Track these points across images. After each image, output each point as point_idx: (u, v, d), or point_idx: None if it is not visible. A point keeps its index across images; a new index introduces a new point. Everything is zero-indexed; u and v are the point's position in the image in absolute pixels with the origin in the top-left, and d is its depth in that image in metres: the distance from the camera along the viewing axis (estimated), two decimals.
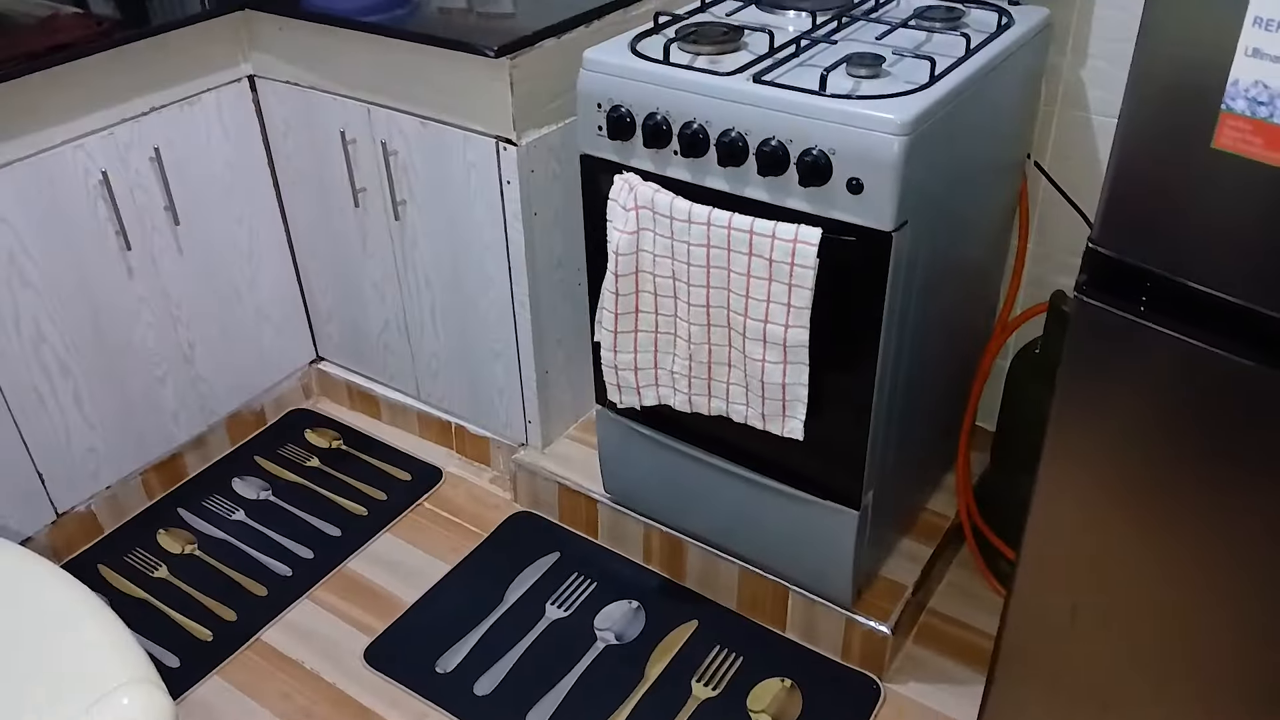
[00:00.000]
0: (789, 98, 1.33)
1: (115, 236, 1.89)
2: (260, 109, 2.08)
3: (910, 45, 1.49)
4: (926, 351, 1.59)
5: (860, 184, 1.30)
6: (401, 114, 1.86)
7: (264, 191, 2.15)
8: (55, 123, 1.76)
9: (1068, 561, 1.20)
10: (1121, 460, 1.09)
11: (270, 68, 2.01)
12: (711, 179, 1.43)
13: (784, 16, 1.62)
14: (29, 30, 1.77)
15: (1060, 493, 1.18)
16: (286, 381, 2.37)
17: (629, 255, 1.50)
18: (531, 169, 1.78)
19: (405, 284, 2.09)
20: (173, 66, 1.90)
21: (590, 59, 1.50)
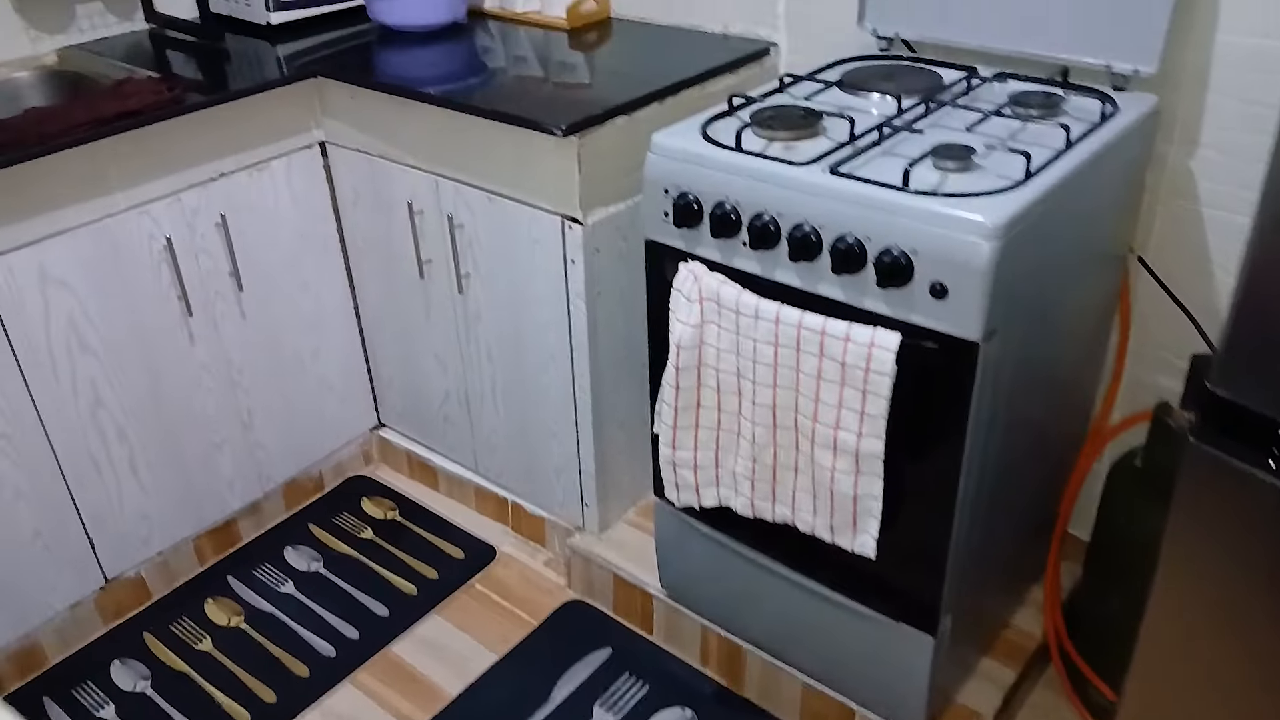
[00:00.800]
0: (867, 192, 1.23)
1: (178, 301, 1.87)
2: (331, 176, 2.06)
3: (1004, 135, 1.38)
4: (1014, 460, 1.46)
5: (944, 289, 1.19)
6: (468, 187, 1.81)
7: (332, 258, 2.12)
8: (122, 188, 1.75)
9: (1175, 700, 1.06)
10: (1239, 605, 0.95)
11: (341, 135, 1.99)
12: (782, 273, 1.34)
13: (867, 99, 1.53)
14: (102, 94, 1.77)
15: (1170, 634, 1.04)
16: (347, 448, 2.33)
17: (691, 349, 1.41)
18: (597, 248, 1.71)
19: (467, 357, 2.03)
20: (244, 132, 1.89)
21: (658, 143, 1.43)
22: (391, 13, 2.07)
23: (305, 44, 2.10)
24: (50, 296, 1.70)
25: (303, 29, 2.16)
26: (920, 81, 1.57)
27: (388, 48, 2.03)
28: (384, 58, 1.98)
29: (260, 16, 2.13)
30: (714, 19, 2.01)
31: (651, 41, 2.00)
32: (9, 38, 2.04)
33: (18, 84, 2.02)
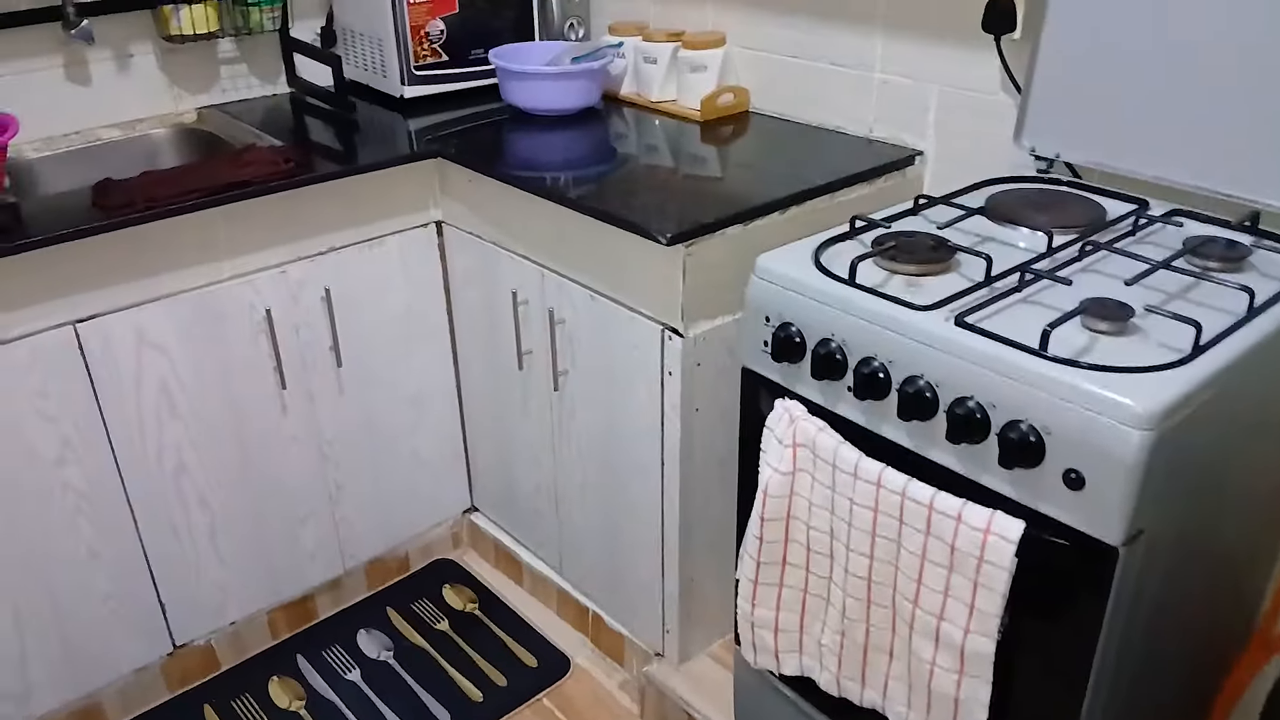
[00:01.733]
0: (996, 352, 1.05)
1: (273, 373, 1.83)
2: (444, 255, 2.00)
3: (1173, 291, 1.18)
4: (1154, 670, 1.23)
5: (1081, 479, 0.99)
6: (572, 283, 1.71)
7: (439, 336, 2.06)
8: (228, 256, 1.73)
9: None
10: None
11: (457, 216, 1.93)
12: (890, 429, 1.16)
13: (1015, 232, 1.35)
14: (223, 159, 1.76)
15: None
16: (437, 529, 2.24)
17: (780, 498, 1.25)
18: (697, 362, 1.57)
19: (559, 453, 1.91)
20: (360, 207, 1.85)
21: (764, 266, 1.28)
22: (524, 97, 2.01)
23: (436, 119, 2.06)
24: (144, 360, 1.68)
25: (436, 104, 2.12)
26: (1079, 214, 1.38)
27: (518, 129, 1.97)
28: (512, 140, 1.91)
29: (395, 89, 2.11)
30: (857, 120, 1.86)
31: (788, 139, 1.86)
32: (154, 94, 2.08)
33: (154, 141, 2.06)
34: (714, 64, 1.99)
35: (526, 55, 2.08)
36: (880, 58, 1.79)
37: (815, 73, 1.90)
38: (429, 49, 2.09)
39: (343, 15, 2.20)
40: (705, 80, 2.00)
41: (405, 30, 2.04)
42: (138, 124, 2.06)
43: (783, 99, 1.98)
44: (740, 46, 2.02)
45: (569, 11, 2.23)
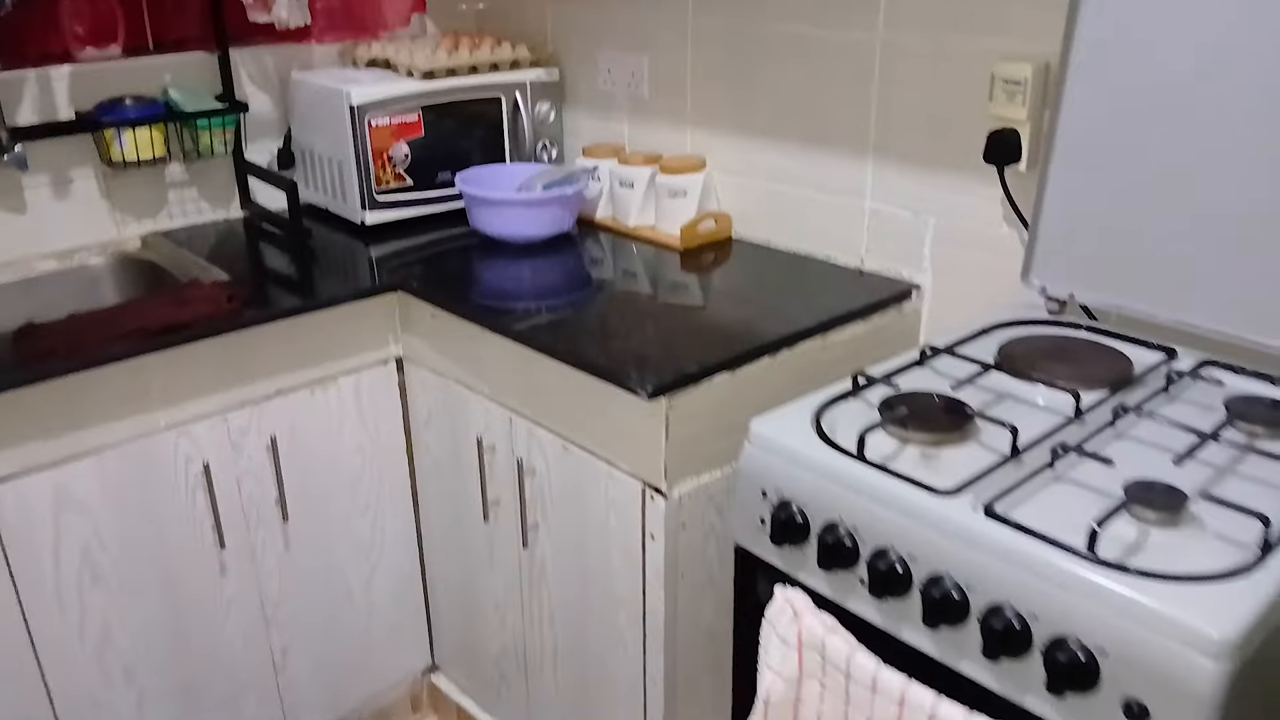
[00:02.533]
0: (1035, 551, 0.90)
1: (211, 531, 1.65)
2: (405, 393, 1.84)
3: (1220, 463, 1.03)
4: None
5: (1145, 711, 0.83)
6: (544, 430, 1.55)
7: (398, 480, 1.89)
8: (163, 405, 1.56)
9: None
10: None
11: (419, 353, 1.78)
12: (912, 633, 1.00)
13: (1035, 389, 1.21)
14: (160, 296, 1.61)
15: None
16: (394, 690, 2.04)
17: (784, 706, 1.08)
18: (683, 523, 1.41)
19: (528, 614, 1.73)
20: (312, 346, 1.70)
21: (758, 433, 1.13)
22: (494, 225, 1.88)
23: (399, 245, 1.93)
24: (64, 524, 1.51)
25: (399, 230, 2.00)
26: (1103, 367, 1.25)
27: (486, 257, 1.84)
28: (479, 270, 1.78)
29: (355, 215, 1.98)
30: (848, 250, 1.74)
31: (774, 269, 1.74)
32: (95, 221, 1.94)
33: (93, 271, 1.91)
34: (694, 189, 1.88)
35: (495, 180, 1.97)
36: (871, 185, 1.68)
37: (802, 199, 1.79)
38: (392, 173, 1.97)
39: (301, 136, 2.08)
40: (685, 206, 1.89)
41: (367, 154, 1.92)
42: (76, 253, 1.91)
43: (768, 226, 1.86)
44: (722, 171, 1.92)
45: (541, 132, 2.13)
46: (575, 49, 2.12)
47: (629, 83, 2.03)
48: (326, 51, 2.13)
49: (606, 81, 2.07)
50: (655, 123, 2.01)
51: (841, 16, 1.64)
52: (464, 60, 2.00)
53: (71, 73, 1.85)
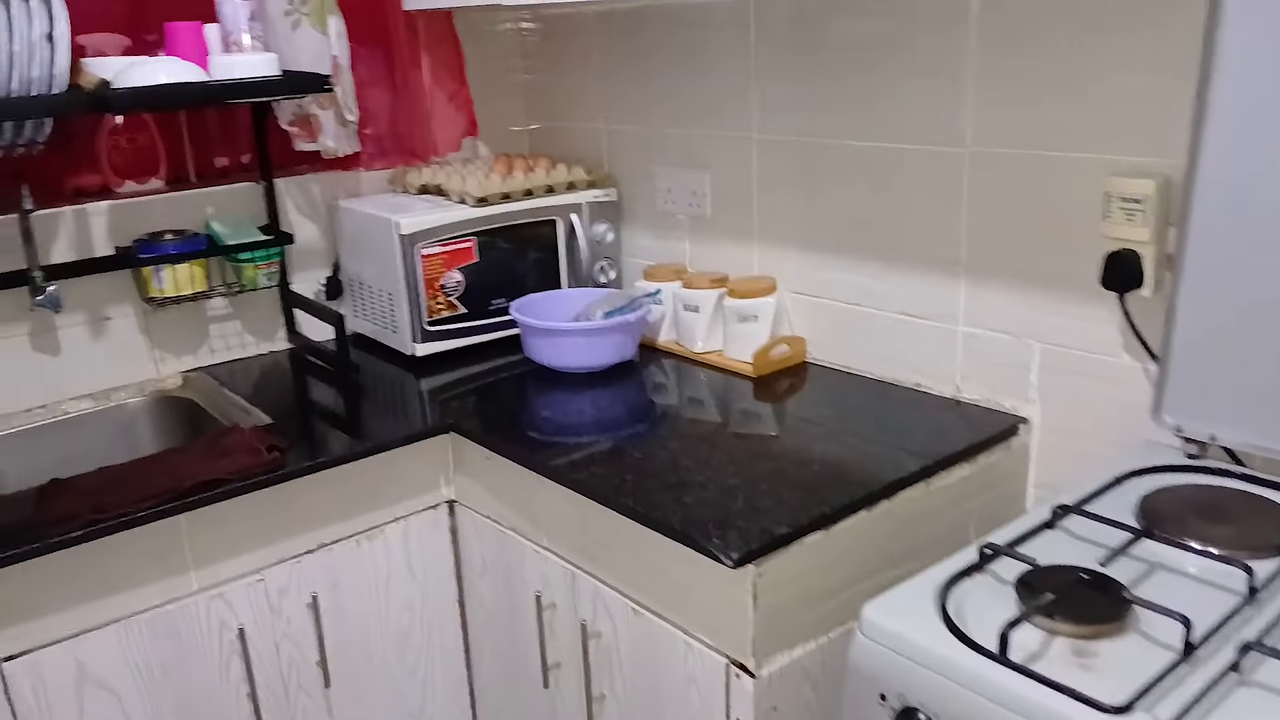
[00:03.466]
0: None
1: (246, 701, 1.50)
2: (457, 538, 1.70)
3: None
4: None
5: None
6: (611, 590, 1.39)
7: (450, 638, 1.73)
8: (194, 566, 1.43)
9: None
10: None
11: (473, 495, 1.64)
12: None
13: (1190, 558, 1.03)
14: (195, 447, 1.49)
15: None
16: None
17: None
18: (774, 706, 1.23)
19: None
20: (357, 494, 1.57)
21: (873, 622, 0.97)
22: (551, 355, 1.75)
23: (451, 377, 1.81)
24: (87, 701, 1.37)
25: (451, 360, 1.88)
26: (1266, 525, 1.07)
27: (544, 389, 1.71)
28: (536, 404, 1.65)
29: (406, 347, 1.87)
30: (940, 377, 1.59)
31: (859, 399, 1.59)
32: (133, 359, 1.84)
33: (129, 411, 1.81)
34: (765, 313, 1.74)
35: (552, 308, 1.85)
36: (965, 307, 1.53)
37: (885, 322, 1.64)
38: (444, 302, 1.86)
39: (350, 265, 1.99)
40: (756, 331, 1.75)
41: (418, 284, 1.82)
42: (113, 393, 1.82)
43: (847, 350, 1.72)
44: (793, 292, 1.78)
45: (599, 254, 2.02)
46: (632, 168, 2.02)
47: (690, 201, 1.92)
48: (375, 178, 2.06)
49: (666, 200, 1.97)
50: (719, 241, 1.89)
51: (924, 131, 1.51)
52: (518, 184, 1.91)
53: (110, 208, 1.78)
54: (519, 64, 2.21)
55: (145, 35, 1.75)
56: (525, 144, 2.25)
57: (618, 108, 2.01)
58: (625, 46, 1.96)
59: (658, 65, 1.90)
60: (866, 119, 1.58)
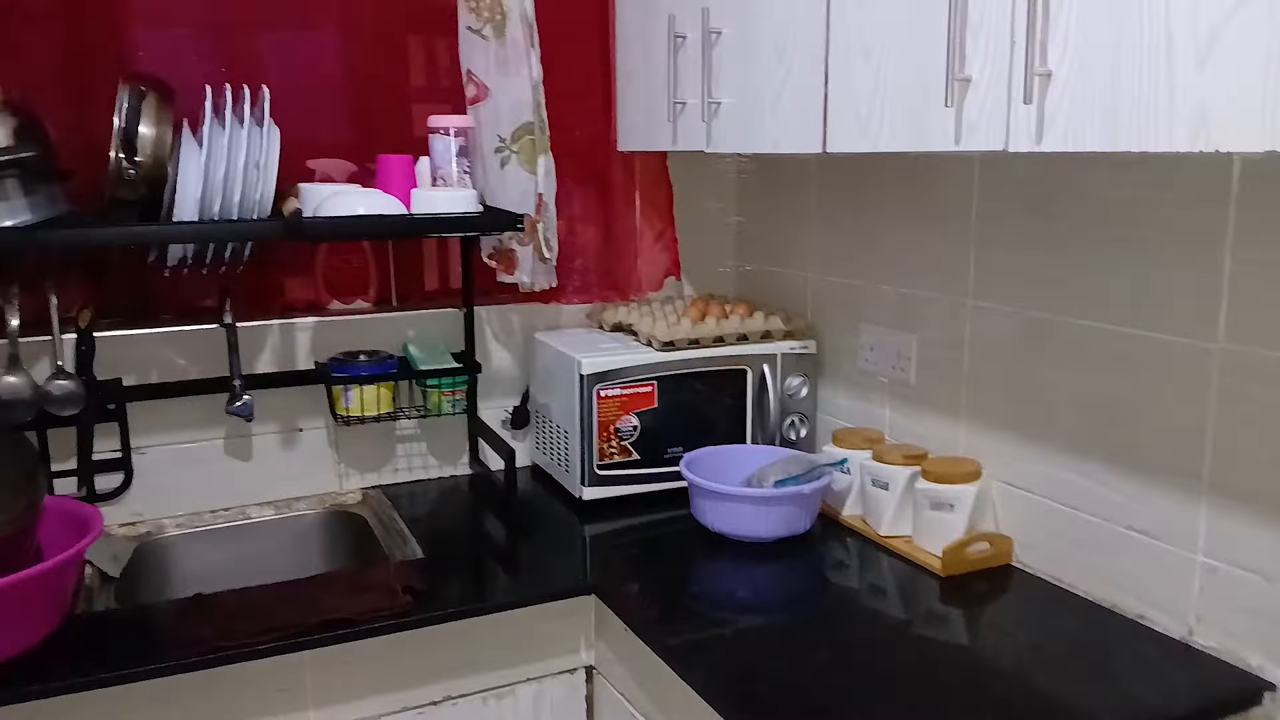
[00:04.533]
0: None
1: None
2: (593, 711, 1.57)
3: None
4: None
5: None
6: None
7: None
8: (313, 705, 1.39)
9: None
10: None
11: (613, 667, 1.52)
12: None
13: None
14: (337, 580, 1.47)
15: None
16: None
17: None
18: None
19: None
20: (489, 647, 1.49)
21: None
22: (718, 519, 1.62)
23: (615, 526, 1.72)
24: None
25: (619, 507, 1.78)
26: None
27: (706, 556, 1.59)
28: (695, 570, 1.53)
29: (574, 488, 1.80)
30: (1169, 611, 1.31)
31: (1067, 622, 1.34)
32: (318, 471, 1.88)
33: (305, 523, 1.84)
34: (963, 503, 1.53)
35: (725, 465, 1.72)
36: (1205, 532, 1.26)
37: (1108, 535, 1.39)
38: (617, 446, 1.77)
39: (538, 397, 1.96)
40: (951, 521, 1.54)
41: (592, 426, 1.75)
42: (295, 502, 1.86)
43: (1059, 558, 1.47)
44: (1001, 481, 1.56)
45: (790, 409, 1.87)
46: (836, 320, 1.88)
47: (894, 363, 1.74)
48: (575, 311, 2.03)
49: (868, 359, 1.80)
50: (921, 413, 1.70)
51: (1168, 318, 1.28)
52: (709, 330, 1.81)
53: (316, 324, 1.84)
54: (732, 205, 2.15)
55: (368, 164, 1.82)
56: (731, 286, 2.17)
57: (827, 257, 1.89)
58: (843, 195, 1.84)
59: (874, 216, 1.77)
60: (1100, 296, 1.37)
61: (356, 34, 1.84)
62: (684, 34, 1.65)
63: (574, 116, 1.95)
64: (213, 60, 1.75)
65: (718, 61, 1.59)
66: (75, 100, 1.66)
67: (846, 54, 1.32)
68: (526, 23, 1.78)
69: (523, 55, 1.78)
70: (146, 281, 1.75)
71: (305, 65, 1.83)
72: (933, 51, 1.18)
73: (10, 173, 1.37)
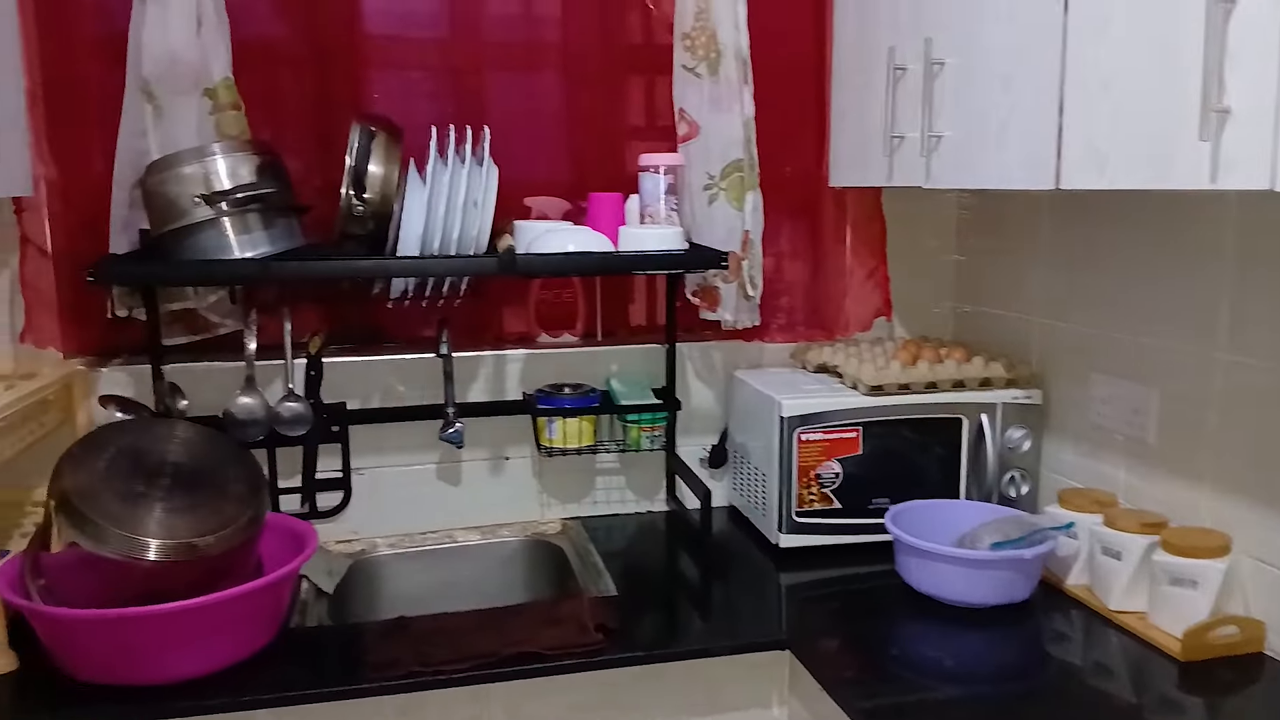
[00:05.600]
0: None
1: None
2: None
3: None
4: None
5: None
6: None
7: None
8: None
9: None
10: None
11: None
12: None
13: None
14: (532, 611, 1.48)
15: None
16: None
17: None
18: None
19: None
20: (679, 691, 1.45)
21: None
22: (924, 580, 1.53)
23: (812, 577, 1.66)
24: None
25: (817, 558, 1.71)
26: None
27: (910, 617, 1.50)
28: (897, 633, 1.45)
29: (770, 534, 1.75)
30: None
31: None
32: (522, 499, 1.92)
33: (508, 549, 1.88)
34: (1209, 581, 1.37)
35: (936, 522, 1.62)
36: None
37: None
38: (818, 493, 1.71)
39: (737, 436, 1.92)
40: (1193, 600, 1.38)
41: (791, 471, 1.69)
42: (499, 529, 1.90)
43: None
44: (1253, 558, 1.38)
45: (1010, 463, 1.75)
46: (1065, 369, 1.74)
47: (1129, 419, 1.59)
48: (778, 351, 1.98)
49: (1100, 413, 1.65)
50: (1160, 476, 1.53)
51: None
52: (920, 375, 1.72)
53: (526, 356, 1.89)
54: (950, 243, 2.04)
55: (581, 201, 1.85)
56: (947, 328, 2.05)
57: (1056, 299, 1.75)
58: (1075, 233, 1.71)
59: (1111, 257, 1.63)
60: None
61: (576, 75, 1.89)
62: (904, 65, 1.59)
63: (785, 152, 1.92)
64: (441, 101, 1.84)
65: (939, 93, 1.51)
66: (316, 141, 1.78)
67: (1083, 84, 1.22)
68: (741, 60, 1.77)
69: (735, 92, 1.76)
70: (371, 311, 1.85)
71: (526, 106, 1.89)
72: (1183, 81, 1.06)
73: (253, 207, 1.47)
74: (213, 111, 1.62)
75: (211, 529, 1.35)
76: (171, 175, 1.46)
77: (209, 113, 1.62)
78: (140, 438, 1.43)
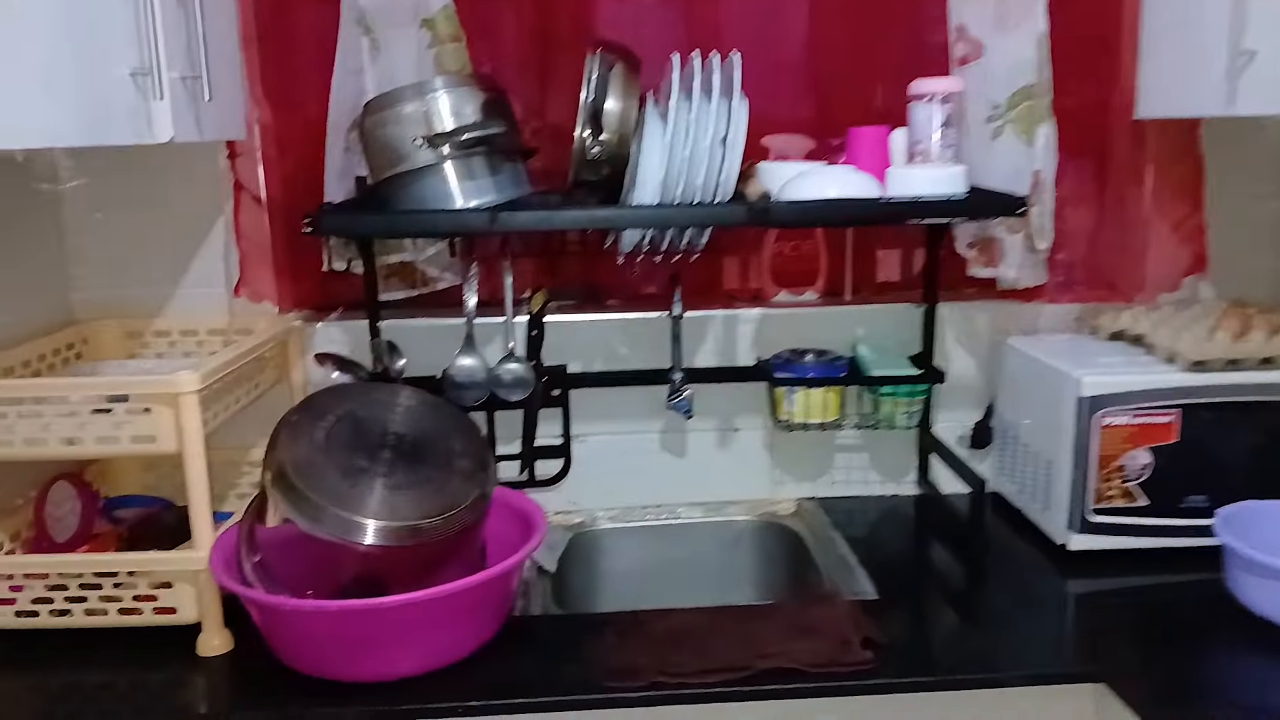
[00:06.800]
0: None
1: None
2: None
3: None
4: None
5: None
6: None
7: None
8: None
9: None
10: None
11: None
12: None
13: None
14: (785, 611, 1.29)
15: None
16: None
17: None
18: None
19: None
20: None
21: None
22: (1261, 600, 1.24)
23: (1111, 586, 1.40)
24: None
25: (1112, 562, 1.44)
26: None
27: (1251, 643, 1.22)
28: (1236, 662, 1.18)
29: (1057, 533, 1.49)
30: None
31: None
32: (750, 476, 1.73)
33: (735, 529, 1.71)
34: None
35: (1277, 529, 1.31)
36: None
37: None
38: (1120, 488, 1.43)
39: (1006, 414, 1.65)
40: None
41: (1089, 461, 1.42)
42: (726, 506, 1.72)
43: None
44: None
45: None
46: None
47: None
48: (1058, 313, 1.69)
49: None
50: None
51: None
52: (1255, 349, 1.41)
53: (760, 316, 1.68)
54: (1275, 186, 1.67)
55: (830, 139, 1.61)
56: (1266, 289, 1.70)
57: None
58: None
59: None
60: None
61: None
62: None
63: (1073, 78, 1.60)
64: (673, 29, 1.63)
65: None
66: (537, 76, 1.62)
67: None
68: None
69: (1028, 3, 1.47)
70: (596, 266, 1.68)
71: (765, 32, 1.66)
72: None
73: (478, 150, 1.31)
74: (432, 45, 1.48)
75: (437, 510, 1.21)
76: (390, 114, 1.32)
77: (428, 46, 1.48)
78: (361, 405, 1.31)
